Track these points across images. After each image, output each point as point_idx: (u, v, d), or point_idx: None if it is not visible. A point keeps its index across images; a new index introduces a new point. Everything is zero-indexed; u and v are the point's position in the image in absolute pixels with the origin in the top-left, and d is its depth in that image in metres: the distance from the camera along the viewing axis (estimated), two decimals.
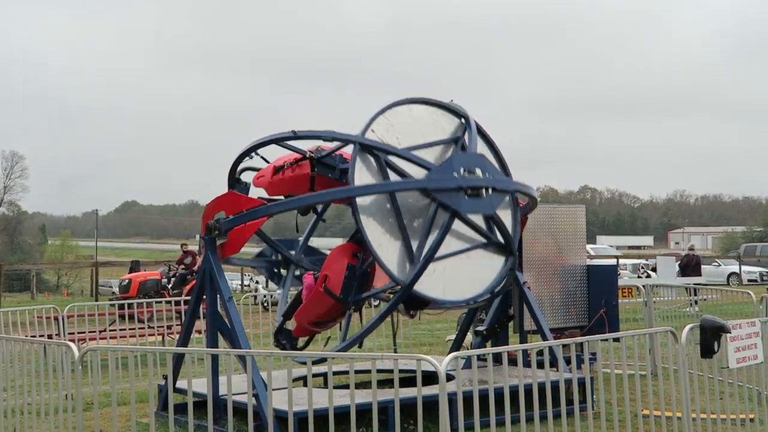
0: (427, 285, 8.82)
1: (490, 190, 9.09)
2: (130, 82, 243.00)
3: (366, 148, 8.92)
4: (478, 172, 9.06)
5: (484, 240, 9.32)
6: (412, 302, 9.03)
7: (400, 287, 8.78)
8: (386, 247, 8.74)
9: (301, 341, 9.86)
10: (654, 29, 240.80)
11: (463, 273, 9.18)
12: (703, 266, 30.43)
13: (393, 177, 8.99)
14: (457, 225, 9.11)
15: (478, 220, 9.26)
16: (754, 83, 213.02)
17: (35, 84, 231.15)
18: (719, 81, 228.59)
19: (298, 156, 9.61)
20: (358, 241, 9.16)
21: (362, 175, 8.84)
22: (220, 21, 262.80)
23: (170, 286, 24.00)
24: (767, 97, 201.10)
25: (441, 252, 8.92)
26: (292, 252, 10.75)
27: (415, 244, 8.86)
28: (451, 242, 9.09)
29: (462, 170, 8.95)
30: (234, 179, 9.94)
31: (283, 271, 10.74)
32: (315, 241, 11.42)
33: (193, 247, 26.04)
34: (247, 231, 9.12)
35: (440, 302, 9.10)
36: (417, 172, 9.06)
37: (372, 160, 8.97)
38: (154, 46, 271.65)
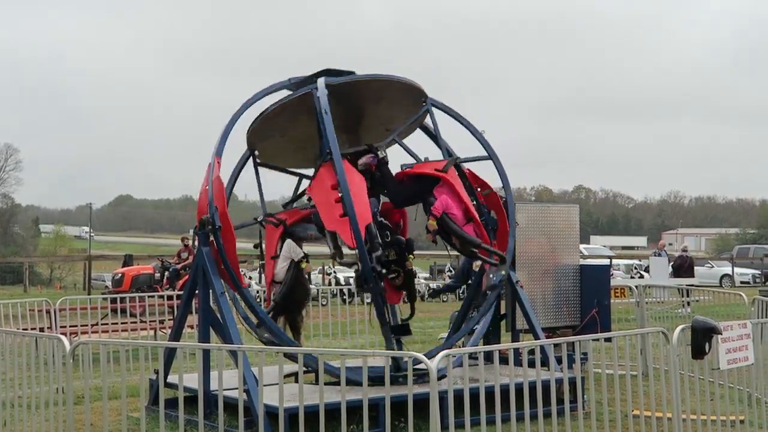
0: None
1: None
2: (137, 81, 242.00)
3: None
4: None
5: None
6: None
7: None
8: None
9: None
10: (652, 33, 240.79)
11: None
12: (696, 268, 30.47)
13: None
14: None
15: None
16: (750, 88, 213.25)
17: (37, 81, 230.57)
18: (715, 85, 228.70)
19: None
20: None
21: None
22: (223, 23, 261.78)
23: (164, 280, 23.92)
24: (762, 102, 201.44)
25: None
26: None
27: None
28: None
29: None
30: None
31: None
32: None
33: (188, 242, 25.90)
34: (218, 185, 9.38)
35: None
36: None
37: None
38: (163, 47, 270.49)
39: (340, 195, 9.08)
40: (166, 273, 24.15)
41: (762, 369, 8.47)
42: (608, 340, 8.01)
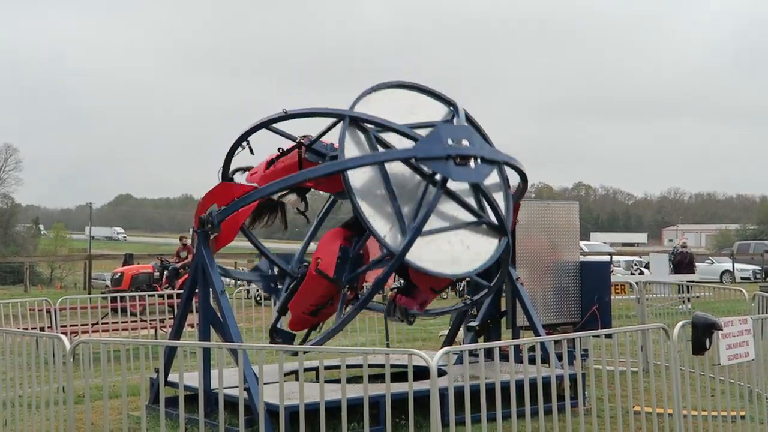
0: (419, 255, 8.79)
1: (478, 160, 9.01)
2: (137, 81, 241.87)
3: (355, 122, 8.96)
4: (466, 142, 9.01)
5: (476, 219, 9.32)
6: (405, 286, 9.29)
7: (391, 258, 8.73)
8: (378, 220, 8.73)
9: (298, 336, 9.89)
10: (652, 33, 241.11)
11: (456, 249, 9.15)
12: (696, 264, 30.45)
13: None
14: (449, 205, 9.15)
15: (469, 199, 9.30)
16: (750, 88, 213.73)
17: (37, 81, 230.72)
18: (715, 85, 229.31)
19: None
20: (350, 226, 9.23)
21: (352, 149, 8.86)
22: (223, 23, 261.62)
23: (163, 279, 23.93)
24: (762, 102, 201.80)
25: (433, 226, 8.94)
26: (289, 265, 10.35)
27: (407, 219, 8.84)
28: (444, 220, 9.13)
29: (450, 140, 8.90)
30: (227, 179, 9.91)
31: (280, 285, 10.50)
32: (312, 247, 11.21)
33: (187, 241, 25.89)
34: (240, 217, 9.12)
35: (433, 273, 9.00)
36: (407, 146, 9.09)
37: (362, 136, 9.00)
38: (163, 47, 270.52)
39: (316, 307, 9.30)
40: (166, 272, 24.18)
41: (763, 365, 8.46)
42: (609, 336, 8.01)
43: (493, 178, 9.53)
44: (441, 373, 7.32)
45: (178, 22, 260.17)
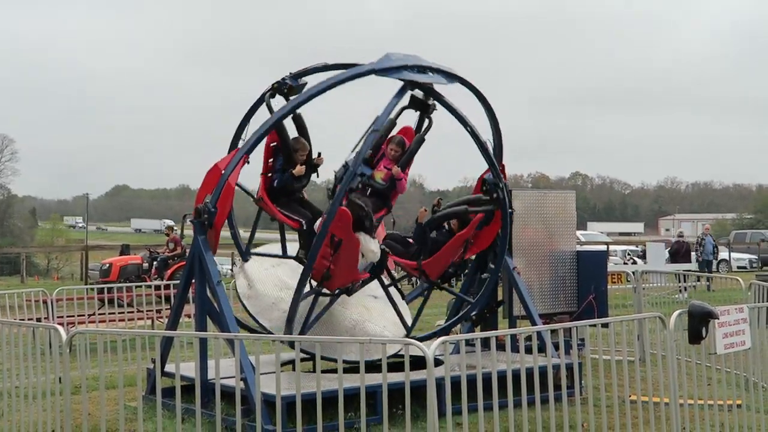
0: None
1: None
2: (137, 80, 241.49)
3: None
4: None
5: None
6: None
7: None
8: None
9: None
10: (652, 29, 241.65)
11: None
12: (693, 253, 30.51)
13: None
14: None
15: None
16: (747, 80, 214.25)
17: (38, 79, 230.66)
18: (713, 77, 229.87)
19: None
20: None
21: None
22: (222, 22, 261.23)
23: (152, 270, 23.86)
24: (759, 93, 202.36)
25: None
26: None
27: None
28: None
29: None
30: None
31: None
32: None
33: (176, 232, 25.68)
34: (230, 186, 9.13)
35: None
36: None
37: None
38: (163, 46, 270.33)
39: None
40: (155, 263, 24.11)
41: (759, 353, 8.48)
42: (605, 325, 8.01)
43: None
44: (438, 362, 7.32)
45: (178, 22, 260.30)
